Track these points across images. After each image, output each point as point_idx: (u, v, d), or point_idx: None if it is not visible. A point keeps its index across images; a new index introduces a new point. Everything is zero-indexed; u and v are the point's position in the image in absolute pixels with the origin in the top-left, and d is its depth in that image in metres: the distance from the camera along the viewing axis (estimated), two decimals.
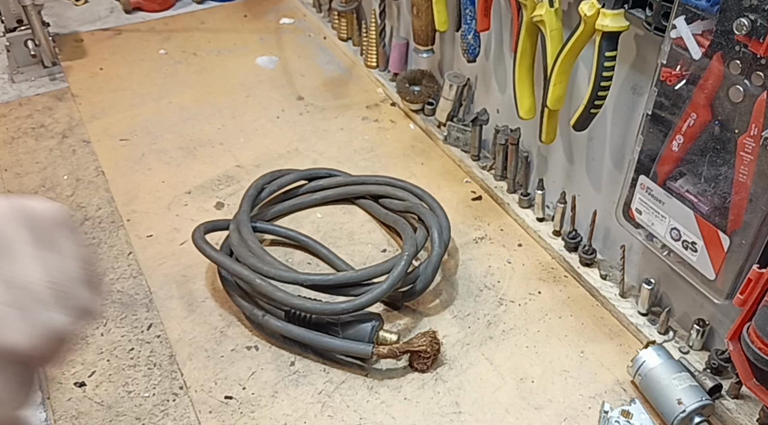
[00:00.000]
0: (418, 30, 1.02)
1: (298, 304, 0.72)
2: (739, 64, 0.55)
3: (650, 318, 0.76)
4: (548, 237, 0.87)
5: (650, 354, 0.69)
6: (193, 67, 1.24)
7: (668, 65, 0.61)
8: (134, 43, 1.31)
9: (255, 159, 1.02)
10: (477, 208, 0.94)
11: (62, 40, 1.31)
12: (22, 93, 1.17)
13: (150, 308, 0.80)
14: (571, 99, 0.80)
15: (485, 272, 0.85)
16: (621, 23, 0.65)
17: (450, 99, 1.01)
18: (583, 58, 0.74)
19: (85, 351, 0.75)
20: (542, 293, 0.82)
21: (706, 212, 0.62)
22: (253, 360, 0.74)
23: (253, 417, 0.69)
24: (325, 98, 1.16)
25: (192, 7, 1.43)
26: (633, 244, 0.78)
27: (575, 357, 0.75)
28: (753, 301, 0.57)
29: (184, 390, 0.71)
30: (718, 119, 0.58)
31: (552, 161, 0.90)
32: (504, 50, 0.92)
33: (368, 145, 1.05)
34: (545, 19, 0.73)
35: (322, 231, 0.90)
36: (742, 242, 0.60)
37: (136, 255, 0.87)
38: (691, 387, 0.66)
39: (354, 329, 0.73)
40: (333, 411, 0.69)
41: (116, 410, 0.69)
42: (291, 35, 1.35)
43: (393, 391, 0.71)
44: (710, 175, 0.61)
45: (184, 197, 0.96)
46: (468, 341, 0.76)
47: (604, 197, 0.82)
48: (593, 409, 0.69)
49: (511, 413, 0.69)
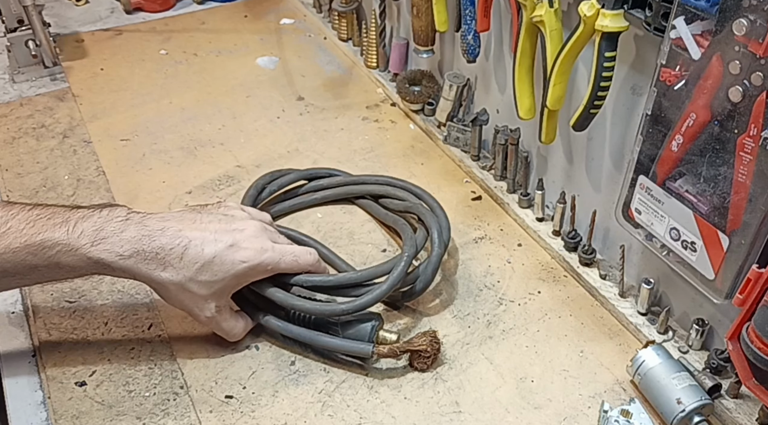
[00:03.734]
0: (418, 30, 1.02)
1: (299, 305, 0.72)
2: (739, 64, 0.55)
3: (650, 318, 0.76)
4: (548, 237, 0.87)
5: (650, 353, 0.69)
6: (194, 67, 1.24)
7: (668, 65, 0.61)
8: (135, 44, 1.31)
9: (255, 159, 1.02)
10: (477, 207, 0.95)
11: (63, 40, 1.31)
12: (22, 93, 1.17)
13: (151, 308, 0.80)
14: (570, 99, 0.80)
15: (485, 272, 0.85)
16: (620, 23, 0.66)
17: (450, 99, 1.01)
18: (582, 59, 0.74)
19: (86, 351, 0.75)
20: (542, 293, 0.82)
21: (706, 212, 0.62)
22: (254, 359, 0.74)
23: (253, 416, 0.69)
24: (326, 98, 1.17)
25: (192, 8, 1.44)
26: (632, 244, 0.78)
27: (575, 356, 0.75)
28: (752, 301, 0.57)
29: (184, 390, 0.71)
30: (718, 119, 0.59)
31: (552, 161, 0.90)
32: (504, 50, 0.92)
33: (368, 145, 1.06)
34: (545, 20, 0.73)
35: (322, 231, 0.90)
36: (741, 242, 0.60)
37: None
38: (691, 386, 0.66)
39: (354, 329, 0.73)
40: (333, 410, 0.70)
41: (117, 409, 0.69)
42: (291, 36, 1.35)
43: (393, 391, 0.71)
44: (709, 175, 0.61)
45: (184, 197, 0.96)
46: (468, 341, 0.77)
47: (604, 197, 0.82)
48: (593, 409, 0.70)
49: (510, 412, 0.69)
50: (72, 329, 0.77)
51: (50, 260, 0.64)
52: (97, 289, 0.82)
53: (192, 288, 0.67)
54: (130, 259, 0.65)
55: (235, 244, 0.68)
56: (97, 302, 0.80)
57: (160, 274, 0.66)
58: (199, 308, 0.69)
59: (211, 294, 0.69)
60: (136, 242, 0.65)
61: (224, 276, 0.68)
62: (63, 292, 0.81)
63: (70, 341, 0.76)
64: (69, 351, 0.75)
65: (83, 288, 0.82)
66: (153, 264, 0.66)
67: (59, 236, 0.64)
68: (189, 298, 0.68)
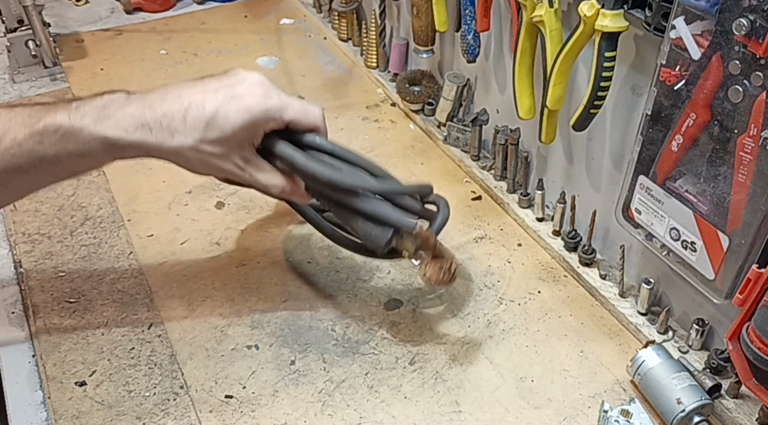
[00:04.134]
0: (418, 30, 1.02)
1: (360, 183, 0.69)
2: (739, 64, 0.55)
3: (650, 318, 0.76)
4: (548, 237, 0.87)
5: (650, 353, 0.69)
6: (194, 67, 1.24)
7: (667, 65, 0.61)
8: (135, 44, 1.31)
9: None
10: (477, 207, 0.95)
11: (63, 40, 1.31)
12: (23, 93, 1.17)
13: (150, 307, 0.80)
14: (570, 99, 0.80)
15: (485, 271, 0.85)
16: (620, 23, 0.66)
17: (450, 99, 1.01)
18: (582, 59, 0.74)
19: (86, 351, 0.75)
20: (542, 293, 0.82)
21: (706, 212, 0.62)
22: (254, 359, 0.74)
23: (253, 416, 0.69)
24: (326, 98, 1.17)
25: (192, 8, 1.44)
26: (632, 244, 0.78)
27: (575, 356, 0.75)
28: (752, 301, 0.57)
29: (184, 390, 0.71)
30: (718, 119, 0.59)
31: (552, 161, 0.90)
32: (504, 50, 0.92)
33: (368, 145, 1.06)
34: (545, 20, 0.73)
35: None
36: (741, 242, 0.60)
37: (137, 255, 0.87)
38: (691, 386, 0.66)
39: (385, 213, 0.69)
40: (333, 410, 0.70)
41: (117, 409, 0.69)
42: (291, 36, 1.35)
43: (393, 390, 0.71)
44: (709, 175, 0.61)
45: (184, 197, 0.96)
46: (468, 340, 0.77)
47: (604, 197, 0.82)
48: (593, 408, 0.70)
49: (510, 412, 0.69)
50: (72, 329, 0.77)
51: (57, 147, 0.62)
52: (97, 289, 0.82)
53: (207, 149, 0.65)
54: (136, 133, 0.63)
55: (236, 95, 0.64)
56: (97, 302, 0.80)
57: (170, 143, 0.64)
58: (226, 166, 0.67)
59: (229, 150, 0.66)
60: (139, 116, 0.63)
61: (233, 129, 0.64)
62: (63, 292, 0.81)
63: (70, 341, 0.76)
64: (69, 351, 0.75)
65: (83, 288, 0.82)
66: (161, 134, 0.64)
67: (61, 119, 0.62)
68: (211, 160, 0.66)
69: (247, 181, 0.70)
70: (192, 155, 0.65)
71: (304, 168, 0.67)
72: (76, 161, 0.64)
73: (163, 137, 0.64)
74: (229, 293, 0.82)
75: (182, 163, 0.67)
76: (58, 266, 0.85)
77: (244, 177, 0.69)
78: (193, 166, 0.67)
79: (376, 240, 0.69)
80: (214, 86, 0.66)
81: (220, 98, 0.64)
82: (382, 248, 0.69)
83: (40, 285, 0.82)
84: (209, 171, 0.68)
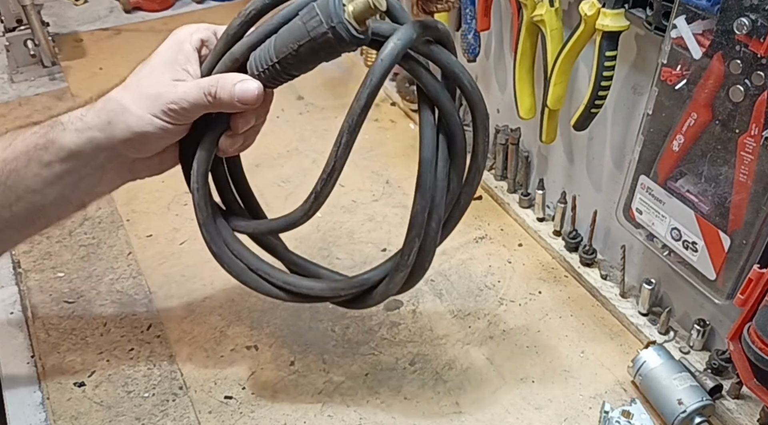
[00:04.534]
0: None
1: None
2: (740, 63, 0.55)
3: (651, 319, 0.76)
4: (548, 237, 0.87)
5: (651, 354, 0.69)
6: None
7: (669, 65, 0.61)
8: (134, 43, 1.31)
9: (255, 158, 1.02)
10: (477, 207, 0.94)
11: (62, 39, 1.30)
12: (21, 93, 1.16)
13: (150, 308, 0.80)
14: (571, 99, 0.80)
15: (485, 272, 0.85)
16: (621, 23, 0.65)
17: None
18: (583, 58, 0.74)
19: (85, 351, 0.75)
20: (542, 293, 0.82)
21: (707, 212, 0.62)
22: (253, 360, 0.74)
23: (252, 417, 0.69)
24: (325, 98, 1.16)
25: (192, 7, 1.43)
26: (633, 244, 0.78)
27: (575, 357, 0.74)
28: (754, 301, 0.57)
29: (183, 390, 0.71)
30: (719, 119, 0.58)
31: (552, 161, 0.90)
32: (504, 50, 0.92)
33: (368, 145, 1.05)
34: (545, 19, 0.73)
35: (322, 230, 0.90)
36: (742, 242, 0.60)
37: (136, 255, 0.87)
38: (692, 387, 0.66)
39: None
40: (333, 410, 0.69)
41: (116, 410, 0.69)
42: None
43: (393, 391, 0.71)
44: (711, 175, 0.61)
45: (183, 197, 0.95)
46: (468, 341, 0.76)
47: (605, 197, 0.82)
48: (594, 409, 0.69)
49: (511, 413, 0.69)
50: (71, 330, 0.77)
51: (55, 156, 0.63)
52: (96, 290, 0.82)
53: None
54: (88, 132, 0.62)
55: (126, 109, 0.62)
56: (96, 303, 0.80)
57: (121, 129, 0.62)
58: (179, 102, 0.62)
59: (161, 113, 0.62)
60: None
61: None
62: (62, 293, 0.81)
63: (69, 342, 0.76)
64: (68, 352, 0.75)
65: (82, 289, 0.82)
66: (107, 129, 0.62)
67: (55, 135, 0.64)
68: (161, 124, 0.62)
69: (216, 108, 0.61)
70: (148, 127, 0.62)
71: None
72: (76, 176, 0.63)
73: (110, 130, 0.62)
74: (228, 293, 0.82)
75: (144, 143, 0.63)
76: (57, 266, 0.85)
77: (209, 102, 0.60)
78: (155, 140, 0.63)
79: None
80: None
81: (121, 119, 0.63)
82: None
83: (39, 286, 0.82)
84: (177, 132, 0.64)
